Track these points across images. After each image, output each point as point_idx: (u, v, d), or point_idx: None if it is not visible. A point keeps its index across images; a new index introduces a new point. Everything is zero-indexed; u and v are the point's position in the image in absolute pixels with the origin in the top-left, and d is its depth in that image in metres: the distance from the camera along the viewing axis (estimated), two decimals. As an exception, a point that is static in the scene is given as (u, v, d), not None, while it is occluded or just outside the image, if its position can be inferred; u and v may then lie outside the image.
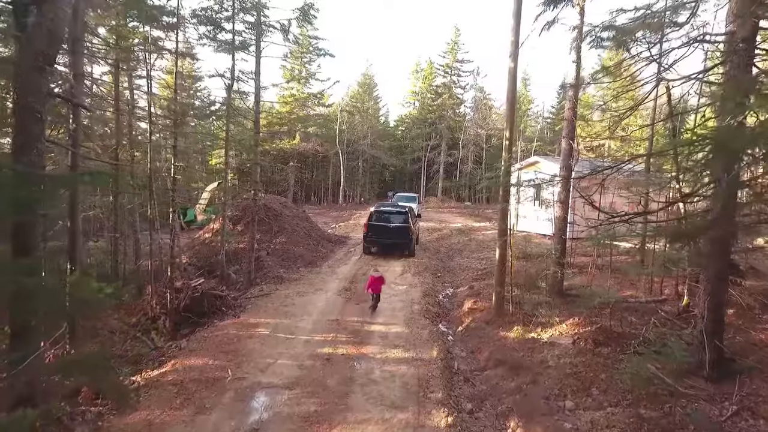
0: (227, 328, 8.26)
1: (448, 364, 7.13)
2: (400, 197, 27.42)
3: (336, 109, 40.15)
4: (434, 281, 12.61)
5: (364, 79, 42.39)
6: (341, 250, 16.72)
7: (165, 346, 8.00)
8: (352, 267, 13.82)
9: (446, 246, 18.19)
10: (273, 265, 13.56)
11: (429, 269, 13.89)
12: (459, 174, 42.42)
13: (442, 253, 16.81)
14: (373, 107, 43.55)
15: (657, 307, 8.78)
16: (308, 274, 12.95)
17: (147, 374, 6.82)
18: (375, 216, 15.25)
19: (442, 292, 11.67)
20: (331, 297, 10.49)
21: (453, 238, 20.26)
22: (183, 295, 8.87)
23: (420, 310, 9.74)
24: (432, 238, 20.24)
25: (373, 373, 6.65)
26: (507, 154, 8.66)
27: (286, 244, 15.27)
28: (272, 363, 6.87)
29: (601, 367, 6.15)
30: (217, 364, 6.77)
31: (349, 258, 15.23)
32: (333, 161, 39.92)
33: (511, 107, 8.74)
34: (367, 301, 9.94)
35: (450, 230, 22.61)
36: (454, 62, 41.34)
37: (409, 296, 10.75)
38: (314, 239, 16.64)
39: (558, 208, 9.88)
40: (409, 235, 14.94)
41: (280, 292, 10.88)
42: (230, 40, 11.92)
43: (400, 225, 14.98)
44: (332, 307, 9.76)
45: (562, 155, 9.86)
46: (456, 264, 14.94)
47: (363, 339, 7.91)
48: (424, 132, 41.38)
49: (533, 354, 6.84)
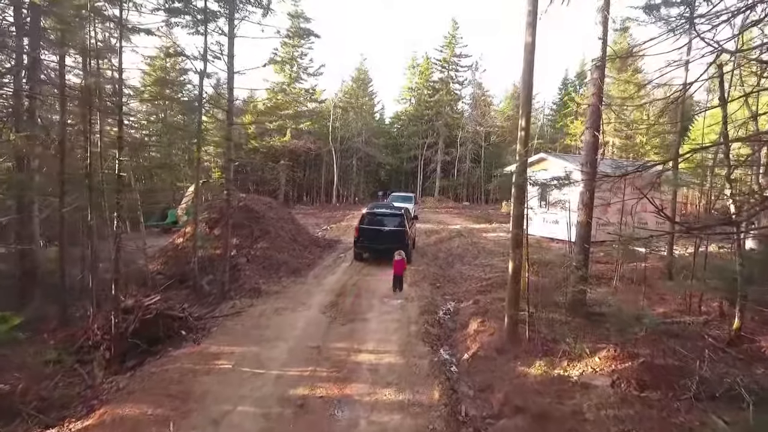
0: (182, 359, 6.74)
1: (454, 409, 5.66)
2: (395, 197, 25.86)
3: (329, 105, 38.61)
4: (433, 293, 11.14)
5: (358, 74, 40.80)
6: (330, 255, 15.21)
7: (103, 382, 6.47)
8: (340, 276, 12.33)
9: (445, 251, 16.73)
10: (252, 274, 12.04)
11: (427, 278, 12.43)
12: (456, 173, 40.97)
13: (441, 259, 15.34)
14: (367, 103, 42.01)
15: (701, 331, 7.37)
16: (291, 285, 11.45)
17: (69, 428, 5.30)
18: (367, 219, 13.77)
19: (443, 307, 10.20)
20: (313, 315, 9.00)
21: (452, 242, 18.79)
22: (132, 316, 7.34)
23: (417, 332, 8.27)
24: (430, 241, 18.78)
25: (357, 425, 5.18)
26: (522, 148, 7.20)
27: (269, 250, 13.75)
28: (230, 411, 5.38)
29: (657, 423, 4.71)
30: (158, 414, 5.26)
31: (338, 265, 13.73)
32: (326, 159, 38.39)
33: (527, 91, 7.28)
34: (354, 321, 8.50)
35: (449, 233, 21.16)
36: (452, 57, 39.85)
37: (405, 313, 9.28)
38: (301, 244, 15.13)
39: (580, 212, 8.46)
40: (405, 240, 13.47)
41: (256, 308, 9.37)
42: (201, 9, 10.34)
43: (394, 229, 13.51)
44: (314, 329, 8.27)
45: (585, 149, 8.43)
46: (457, 272, 13.48)
47: (348, 374, 6.43)
48: (421, 129, 39.91)
49: (563, 400, 5.38)
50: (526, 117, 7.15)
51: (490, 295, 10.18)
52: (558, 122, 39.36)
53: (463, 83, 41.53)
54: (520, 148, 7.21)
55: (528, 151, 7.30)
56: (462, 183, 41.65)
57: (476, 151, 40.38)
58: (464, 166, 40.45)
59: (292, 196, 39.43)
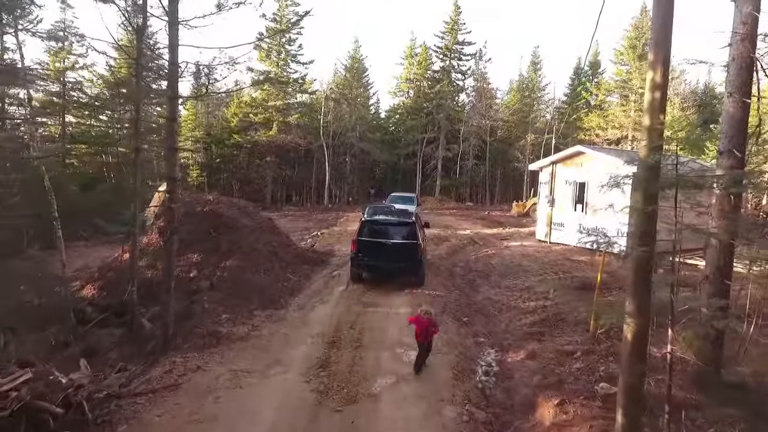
0: None
1: None
2: (394, 198, 22.54)
3: (320, 96, 35.31)
4: (462, 335, 8.03)
5: (352, 63, 37.38)
6: (320, 274, 12.00)
7: None
8: (333, 308, 9.15)
9: (462, 265, 13.62)
10: (214, 307, 8.85)
11: (449, 309, 9.30)
12: (459, 171, 37.82)
13: (459, 277, 12.24)
14: (362, 95, 38.66)
15: None
16: (265, 324, 8.27)
17: None
18: (367, 229, 10.59)
19: (481, 360, 7.09)
20: (292, 388, 5.83)
21: (467, 252, 15.71)
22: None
23: (457, 420, 5.15)
24: (440, 251, 15.66)
25: None
26: (657, 122, 4.00)
27: (240, 271, 10.55)
28: None
29: None
30: None
31: (330, 290, 10.53)
32: (317, 156, 35.09)
33: (663, 32, 4.09)
34: (356, 401, 5.36)
35: (460, 240, 18.06)
36: (454, 44, 36.62)
37: (431, 379, 6.15)
38: (282, 260, 11.92)
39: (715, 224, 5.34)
40: (418, 256, 10.34)
41: (206, 373, 6.17)
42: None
43: (404, 242, 10.37)
44: (291, 420, 5.10)
45: (727, 125, 5.27)
46: (485, 298, 10.38)
47: None
48: (420, 123, 36.73)
49: None
50: (662, 66, 3.98)
51: (550, 344, 7.10)
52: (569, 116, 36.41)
53: (467, 73, 38.35)
54: (651, 121, 4.02)
55: (663, 125, 4.10)
56: (465, 182, 38.52)
57: (480, 146, 37.26)
58: (467, 163, 37.29)
59: (281, 197, 36.10)
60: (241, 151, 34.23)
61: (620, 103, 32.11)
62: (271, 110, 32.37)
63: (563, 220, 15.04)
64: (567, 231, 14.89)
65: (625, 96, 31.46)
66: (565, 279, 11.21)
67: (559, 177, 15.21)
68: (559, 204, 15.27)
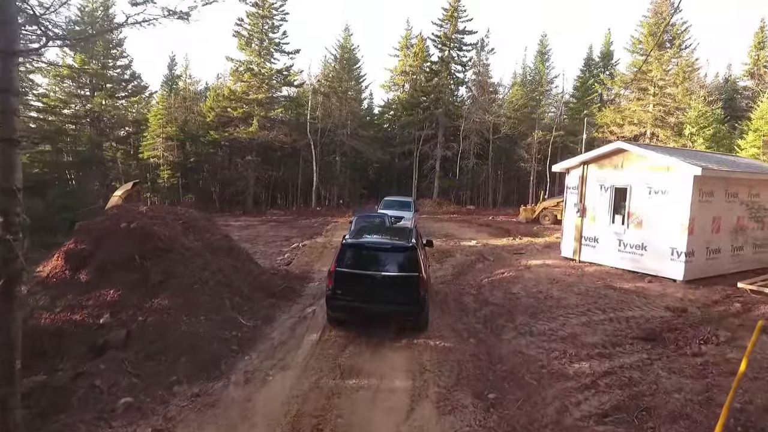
0: None
1: None
2: (388, 203, 19.43)
3: (307, 90, 32.26)
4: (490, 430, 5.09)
5: (342, 53, 34.32)
6: (287, 314, 8.96)
7: None
8: (296, 381, 6.16)
9: (473, 292, 10.71)
10: (111, 382, 5.86)
11: (464, 376, 6.36)
12: (459, 171, 34.89)
13: (472, 315, 9.30)
14: (353, 88, 35.63)
15: None
16: (184, 412, 5.29)
17: None
18: (349, 255, 7.61)
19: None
20: None
21: (477, 272, 12.79)
22: None
23: None
24: (445, 272, 12.74)
25: None
26: None
27: (172, 314, 7.55)
28: None
29: None
30: None
31: (298, 342, 7.54)
32: (304, 155, 32.05)
33: None
34: None
35: (466, 254, 15.19)
36: (454, 33, 33.70)
37: None
38: (237, 293, 8.90)
39: None
40: (420, 294, 7.39)
41: None
42: None
43: (400, 275, 7.43)
44: None
45: None
46: (514, 351, 7.43)
47: None
48: (417, 119, 33.79)
49: None
50: None
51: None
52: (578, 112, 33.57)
53: (467, 65, 35.43)
54: None
55: None
56: (465, 183, 35.61)
57: (482, 145, 34.36)
58: (468, 162, 34.38)
59: (264, 199, 33.02)
60: (220, 150, 31.15)
61: (638, 97, 29.24)
62: (252, 104, 29.29)
63: (597, 234, 12.13)
64: (602, 248, 11.99)
65: (644, 89, 28.61)
66: (618, 321, 8.33)
67: (592, 180, 12.29)
68: (591, 214, 12.35)
